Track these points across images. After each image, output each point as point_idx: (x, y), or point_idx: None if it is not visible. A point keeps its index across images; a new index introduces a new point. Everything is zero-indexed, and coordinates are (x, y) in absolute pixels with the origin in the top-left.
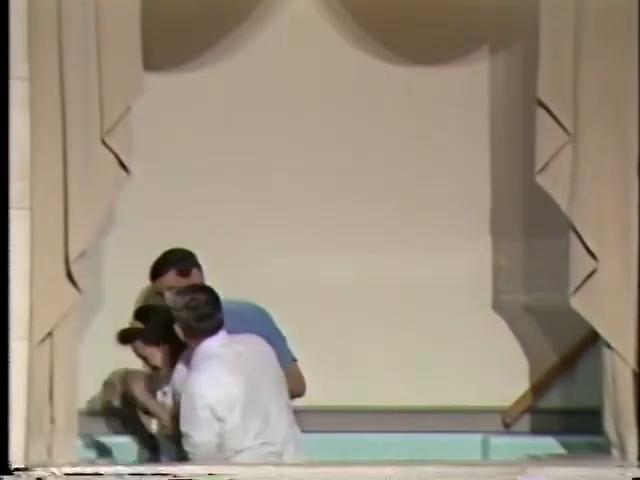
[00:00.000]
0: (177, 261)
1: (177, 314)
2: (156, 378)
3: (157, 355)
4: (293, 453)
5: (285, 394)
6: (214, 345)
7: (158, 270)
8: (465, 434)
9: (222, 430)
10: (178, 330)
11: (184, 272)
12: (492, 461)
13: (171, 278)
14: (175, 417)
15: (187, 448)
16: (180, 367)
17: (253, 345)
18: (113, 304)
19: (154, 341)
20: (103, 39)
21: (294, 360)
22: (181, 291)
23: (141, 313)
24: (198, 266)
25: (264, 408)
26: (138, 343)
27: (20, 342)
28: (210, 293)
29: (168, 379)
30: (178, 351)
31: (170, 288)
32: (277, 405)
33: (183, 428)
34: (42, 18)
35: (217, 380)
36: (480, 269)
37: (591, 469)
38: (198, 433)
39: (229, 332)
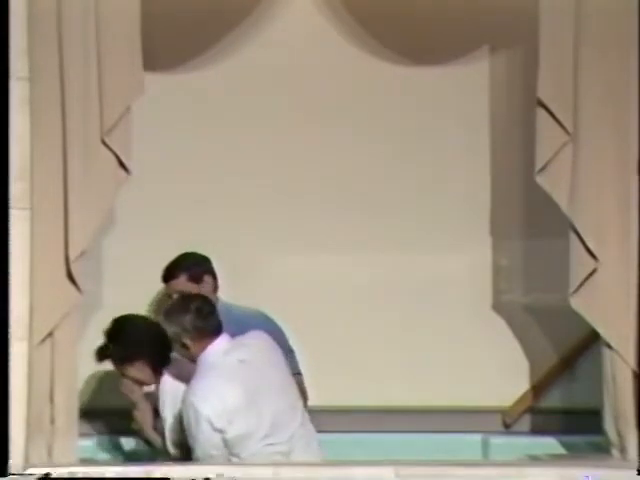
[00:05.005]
0: (189, 266)
1: (182, 326)
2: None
3: (134, 370)
4: (303, 451)
5: (293, 392)
6: (215, 353)
7: (170, 273)
8: (465, 434)
9: (224, 440)
10: (187, 341)
11: (195, 278)
12: (492, 461)
13: (182, 283)
14: (174, 441)
15: (195, 460)
16: (167, 379)
17: (258, 346)
18: (113, 304)
19: (129, 358)
20: (103, 39)
21: (299, 374)
22: (173, 307)
23: (111, 333)
24: (211, 273)
25: (270, 411)
26: (114, 361)
27: (20, 342)
28: (198, 295)
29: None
30: (155, 365)
31: (180, 293)
32: (284, 405)
33: (189, 441)
34: (42, 18)
35: (213, 393)
36: (480, 269)
37: (591, 469)
38: (201, 447)
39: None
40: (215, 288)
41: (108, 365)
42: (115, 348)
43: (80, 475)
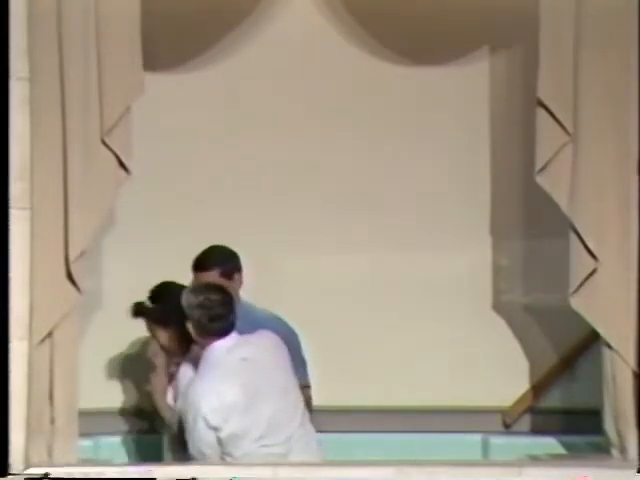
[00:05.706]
0: (223, 261)
1: (190, 312)
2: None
3: (164, 335)
4: (302, 451)
5: (295, 393)
6: (219, 350)
7: (203, 265)
8: (465, 434)
9: (219, 439)
10: (190, 328)
11: (228, 274)
12: (492, 461)
13: (214, 277)
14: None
15: (191, 455)
16: (184, 369)
17: (264, 345)
18: (113, 304)
19: (163, 321)
20: (103, 39)
21: (307, 386)
22: (196, 290)
23: (154, 293)
24: (240, 270)
25: (268, 411)
26: (147, 320)
27: (20, 342)
28: (224, 294)
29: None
30: (185, 340)
31: None
32: (285, 405)
33: (186, 437)
34: (42, 18)
35: (211, 390)
36: (480, 269)
37: (591, 469)
38: (196, 444)
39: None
40: (240, 285)
41: (109, 363)
42: (155, 307)
43: (80, 475)
